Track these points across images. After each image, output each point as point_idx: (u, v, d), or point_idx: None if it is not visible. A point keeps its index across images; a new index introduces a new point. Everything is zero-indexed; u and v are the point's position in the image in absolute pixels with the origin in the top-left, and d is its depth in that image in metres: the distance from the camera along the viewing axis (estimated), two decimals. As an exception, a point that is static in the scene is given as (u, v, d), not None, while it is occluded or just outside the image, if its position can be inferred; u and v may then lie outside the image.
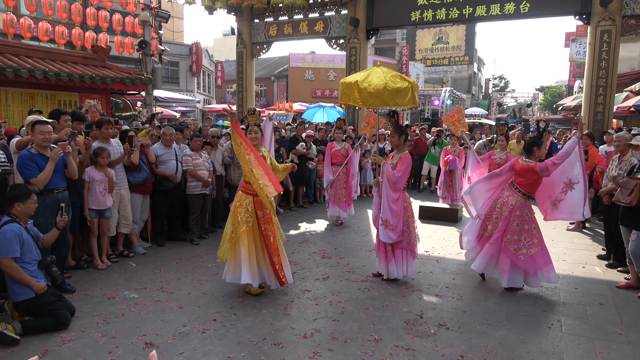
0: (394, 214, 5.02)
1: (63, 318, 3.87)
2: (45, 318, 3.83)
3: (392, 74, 5.18)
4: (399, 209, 5.05)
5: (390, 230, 5.02)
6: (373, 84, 4.99)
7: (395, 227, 5.02)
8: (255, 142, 4.71)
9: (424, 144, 12.42)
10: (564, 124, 26.91)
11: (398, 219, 5.04)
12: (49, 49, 9.73)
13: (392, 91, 4.95)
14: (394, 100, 5.01)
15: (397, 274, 5.15)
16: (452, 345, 3.72)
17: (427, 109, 27.78)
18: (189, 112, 24.89)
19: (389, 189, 5.03)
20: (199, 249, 6.42)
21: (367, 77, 5.11)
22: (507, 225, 4.93)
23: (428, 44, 43.27)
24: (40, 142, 4.57)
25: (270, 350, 3.58)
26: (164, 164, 6.45)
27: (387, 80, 4.99)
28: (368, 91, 4.98)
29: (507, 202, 5.00)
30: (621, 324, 4.22)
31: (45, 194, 4.56)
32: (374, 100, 5.03)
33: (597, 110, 10.48)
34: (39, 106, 8.22)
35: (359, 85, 5.06)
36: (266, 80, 34.12)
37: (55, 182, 4.68)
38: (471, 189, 5.48)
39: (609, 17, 10.21)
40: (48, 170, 4.52)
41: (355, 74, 5.44)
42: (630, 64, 17.26)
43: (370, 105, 5.15)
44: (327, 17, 13.69)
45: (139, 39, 12.81)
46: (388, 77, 5.07)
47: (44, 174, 4.50)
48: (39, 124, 4.60)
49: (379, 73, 5.15)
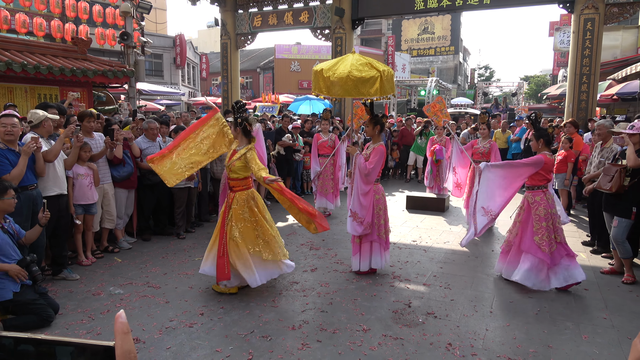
0: (362, 206, 4.89)
1: (46, 315, 3.80)
2: (28, 316, 3.76)
3: (362, 61, 4.89)
4: (368, 202, 4.91)
5: (357, 223, 4.90)
6: (337, 72, 4.76)
7: (363, 220, 4.89)
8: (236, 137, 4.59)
9: (410, 134, 12.43)
10: (549, 113, 27.19)
11: (367, 212, 4.90)
12: (27, 42, 9.48)
13: (355, 80, 4.69)
14: (358, 90, 4.76)
15: (362, 266, 5.06)
16: (440, 334, 3.74)
17: (414, 99, 27.82)
18: (173, 105, 24.56)
19: (360, 181, 4.89)
20: (186, 243, 6.35)
21: (334, 65, 4.89)
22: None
23: (414, 34, 43.22)
24: (2, 136, 4.31)
25: (258, 343, 3.56)
26: (148, 157, 6.36)
27: (351, 69, 4.72)
28: (331, 80, 4.76)
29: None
30: (606, 308, 4.28)
31: (19, 191, 4.33)
32: (337, 90, 4.80)
33: (581, 99, 10.58)
34: (17, 100, 8.02)
35: (323, 73, 4.86)
36: (252, 72, 33.81)
37: (30, 179, 4.48)
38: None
39: (592, 6, 10.27)
40: (22, 165, 4.30)
41: (327, 62, 5.20)
42: (612, 52, 17.43)
43: (335, 95, 4.94)
44: (312, 7, 13.56)
45: (120, 31, 12.56)
46: (356, 65, 4.81)
47: (17, 170, 4.27)
48: (3, 117, 4.35)
49: (348, 61, 4.90)
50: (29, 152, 4.33)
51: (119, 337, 0.58)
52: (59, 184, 4.85)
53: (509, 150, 11.42)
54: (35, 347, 0.57)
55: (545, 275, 4.59)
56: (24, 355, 0.57)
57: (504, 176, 4.99)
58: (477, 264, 5.55)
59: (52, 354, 0.57)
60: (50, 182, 4.76)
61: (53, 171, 4.79)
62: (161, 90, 21.42)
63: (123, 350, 0.57)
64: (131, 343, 0.58)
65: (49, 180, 4.75)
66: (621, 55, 17.30)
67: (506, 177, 4.97)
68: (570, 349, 3.52)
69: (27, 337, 0.57)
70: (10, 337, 0.57)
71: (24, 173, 4.34)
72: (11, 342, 0.57)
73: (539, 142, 4.88)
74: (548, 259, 4.55)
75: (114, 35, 15.50)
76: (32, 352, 0.57)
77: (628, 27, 17.75)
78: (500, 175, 5.02)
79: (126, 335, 0.59)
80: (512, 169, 4.99)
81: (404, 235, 6.84)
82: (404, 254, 5.91)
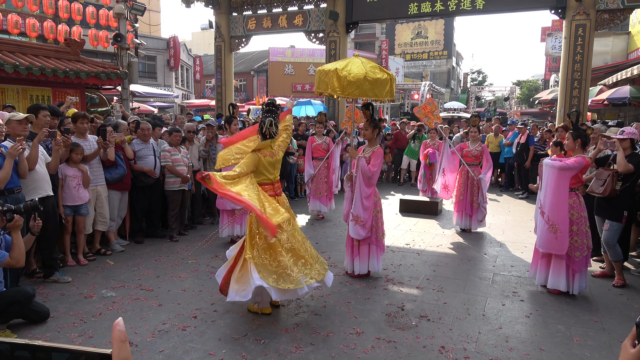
0: (365, 209, 4.92)
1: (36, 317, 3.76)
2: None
3: (371, 64, 4.99)
4: (370, 205, 4.96)
5: (360, 227, 4.93)
6: (353, 72, 4.76)
7: (366, 223, 4.93)
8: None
9: (404, 137, 12.49)
10: (540, 117, 27.42)
11: (369, 215, 4.95)
12: (19, 42, 9.41)
13: (372, 82, 4.77)
14: (374, 91, 4.84)
15: (361, 269, 5.06)
16: (433, 337, 3.75)
17: (407, 102, 27.93)
18: (167, 107, 24.48)
19: (363, 184, 4.92)
20: (179, 246, 6.32)
21: (347, 66, 4.88)
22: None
23: (407, 38, 43.49)
24: None
25: (251, 346, 3.55)
26: (142, 159, 6.34)
27: (367, 70, 4.80)
28: (348, 80, 4.74)
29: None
30: (597, 311, 4.32)
31: (6, 194, 4.23)
32: (353, 90, 4.79)
33: (573, 104, 10.67)
34: (9, 101, 7.96)
35: (338, 73, 4.80)
36: (246, 74, 33.80)
37: (15, 181, 4.35)
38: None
39: (583, 12, 10.39)
40: (8, 167, 4.15)
41: (333, 62, 5.18)
42: (603, 58, 17.64)
43: (348, 95, 4.92)
44: (306, 11, 13.59)
45: (114, 33, 12.51)
46: (367, 67, 4.89)
47: (3, 172, 4.13)
48: None
49: (358, 63, 4.95)
50: (15, 155, 4.17)
51: (116, 344, 0.59)
52: (44, 186, 4.72)
53: (501, 154, 11.50)
54: (31, 354, 0.57)
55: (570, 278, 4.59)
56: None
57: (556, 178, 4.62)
58: (469, 267, 5.57)
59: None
60: (35, 183, 4.63)
61: (36, 173, 4.63)
62: (154, 92, 21.35)
63: (120, 358, 0.58)
64: (128, 351, 0.58)
65: (33, 181, 4.61)
66: (612, 60, 17.52)
67: (558, 179, 4.61)
68: (561, 351, 3.55)
69: (24, 343, 0.57)
70: (7, 342, 0.57)
71: (9, 176, 4.21)
72: (7, 348, 0.57)
73: (576, 142, 4.66)
74: (572, 262, 4.55)
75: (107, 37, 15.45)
76: (28, 359, 0.57)
77: (618, 33, 17.97)
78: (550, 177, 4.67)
79: (123, 343, 0.59)
80: (561, 171, 4.57)
81: (397, 239, 6.86)
82: (397, 257, 5.93)
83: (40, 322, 3.87)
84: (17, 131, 4.53)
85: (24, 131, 4.57)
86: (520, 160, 10.63)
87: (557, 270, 4.62)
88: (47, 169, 4.82)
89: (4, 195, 4.21)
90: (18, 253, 3.63)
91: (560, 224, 4.48)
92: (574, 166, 4.49)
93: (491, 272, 5.41)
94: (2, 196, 4.19)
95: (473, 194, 7.10)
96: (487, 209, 7.24)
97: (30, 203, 3.65)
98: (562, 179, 4.53)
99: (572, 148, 4.74)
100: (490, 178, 7.60)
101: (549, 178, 4.61)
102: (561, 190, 4.54)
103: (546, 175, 4.66)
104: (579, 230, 4.58)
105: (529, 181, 9.92)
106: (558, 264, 4.62)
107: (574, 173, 4.53)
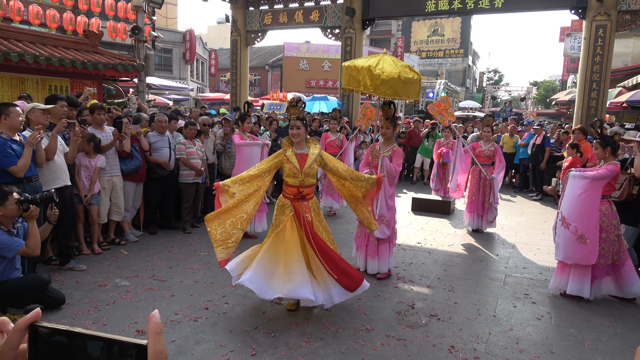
0: (390, 208, 4.96)
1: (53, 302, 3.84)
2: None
3: (401, 63, 4.76)
4: (394, 204, 5.05)
5: (385, 226, 4.92)
6: (387, 71, 4.51)
7: (390, 222, 4.96)
8: (297, 139, 4.03)
9: (418, 136, 12.43)
10: (555, 118, 27.06)
11: (392, 214, 5.00)
12: (39, 33, 9.55)
13: (404, 81, 4.50)
14: (406, 92, 4.56)
15: (381, 268, 5.02)
16: (443, 336, 3.75)
17: (422, 101, 27.76)
18: (182, 100, 24.66)
19: (387, 184, 4.91)
20: (191, 238, 6.39)
21: (379, 64, 4.62)
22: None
23: (423, 35, 43.14)
24: (17, 125, 4.29)
25: (262, 338, 3.59)
26: (157, 151, 6.41)
27: (400, 70, 4.54)
28: (382, 78, 4.48)
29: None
30: (609, 316, 4.27)
31: (24, 183, 4.30)
32: (386, 89, 4.54)
33: (590, 105, 10.53)
34: (29, 91, 8.09)
35: (372, 70, 4.51)
36: (260, 69, 33.86)
37: (33, 170, 4.43)
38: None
39: (604, 12, 10.22)
40: (27, 156, 4.24)
41: (361, 59, 4.95)
42: (623, 59, 17.32)
43: (381, 94, 4.66)
44: (322, 7, 13.57)
45: (131, 25, 12.62)
46: (399, 66, 4.63)
47: (23, 160, 4.22)
48: (12, 106, 4.31)
49: (390, 61, 4.66)
50: (34, 143, 4.26)
51: (152, 336, 0.61)
52: (62, 176, 4.81)
53: (516, 155, 11.38)
54: (68, 339, 0.60)
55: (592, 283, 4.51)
56: (57, 346, 0.61)
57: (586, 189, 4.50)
58: (481, 268, 5.55)
59: (84, 347, 0.60)
60: (53, 174, 4.72)
61: (54, 164, 4.72)
62: (170, 85, 21.52)
63: (155, 350, 0.60)
64: (163, 343, 0.61)
65: (51, 172, 4.70)
66: (632, 62, 17.20)
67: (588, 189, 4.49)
68: (573, 355, 3.52)
69: (62, 329, 0.61)
70: (47, 327, 0.61)
71: (29, 164, 4.29)
72: (46, 333, 0.61)
73: (606, 150, 4.56)
74: (596, 269, 4.47)
75: (125, 29, 15.59)
76: (65, 344, 0.60)
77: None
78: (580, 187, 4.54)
79: (159, 336, 0.61)
80: (594, 181, 4.47)
81: (409, 237, 6.85)
82: (408, 256, 5.92)
83: (56, 308, 3.96)
84: (40, 120, 4.61)
85: (45, 121, 4.66)
86: (535, 162, 10.51)
87: (581, 276, 4.49)
88: (65, 159, 4.91)
89: (22, 184, 4.29)
90: (34, 242, 3.71)
91: (590, 233, 4.37)
92: (606, 175, 4.39)
93: (503, 274, 5.38)
94: (21, 184, 4.27)
95: (485, 194, 7.05)
96: (498, 210, 7.18)
97: (47, 194, 3.72)
98: (594, 189, 4.42)
99: (602, 157, 4.61)
100: (503, 178, 7.51)
101: (577, 189, 4.50)
102: (593, 199, 4.42)
103: (573, 186, 4.55)
104: (607, 238, 4.48)
105: (544, 183, 9.81)
106: (581, 271, 4.50)
107: (606, 182, 4.44)
